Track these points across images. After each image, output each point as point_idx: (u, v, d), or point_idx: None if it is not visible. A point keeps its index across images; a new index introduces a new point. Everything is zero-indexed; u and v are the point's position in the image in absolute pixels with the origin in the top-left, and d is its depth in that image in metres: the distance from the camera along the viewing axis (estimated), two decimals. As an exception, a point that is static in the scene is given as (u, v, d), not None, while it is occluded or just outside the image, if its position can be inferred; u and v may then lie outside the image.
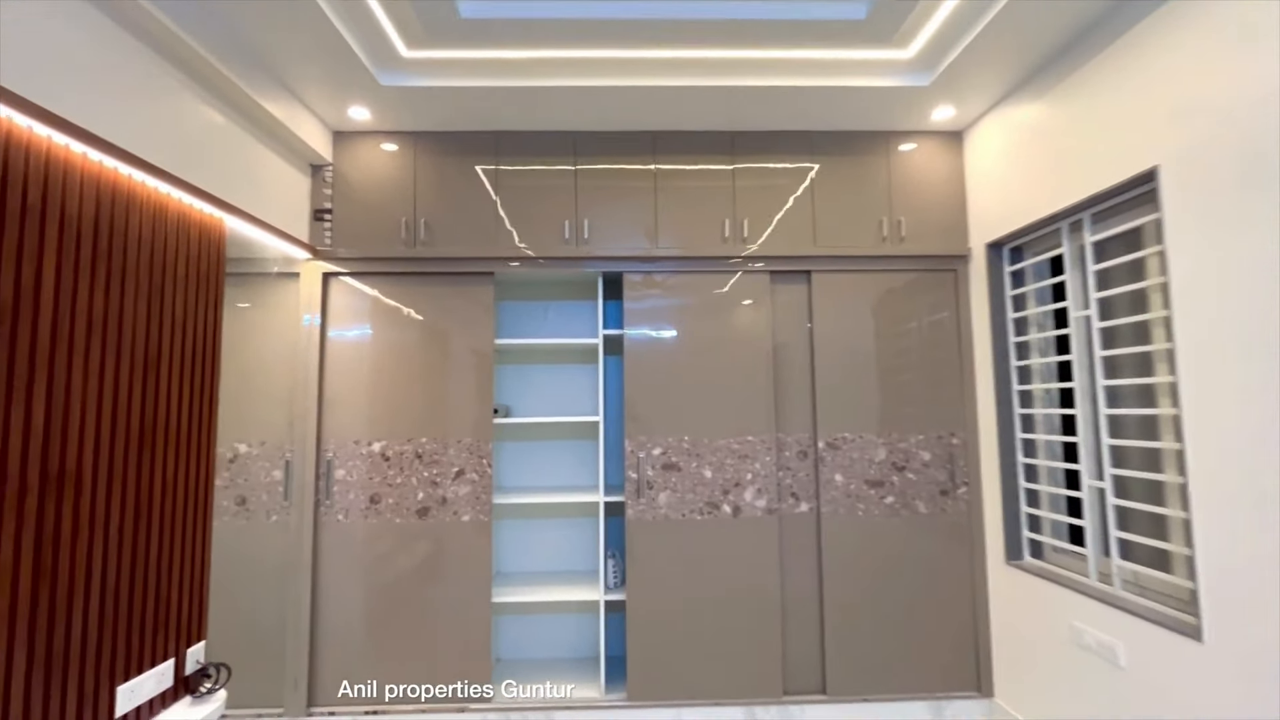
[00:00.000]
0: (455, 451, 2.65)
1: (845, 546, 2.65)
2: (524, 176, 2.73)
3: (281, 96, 2.31)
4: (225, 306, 2.61)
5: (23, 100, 1.37)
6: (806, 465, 2.70)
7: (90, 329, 1.56)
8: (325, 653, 2.56)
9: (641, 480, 2.64)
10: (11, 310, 1.36)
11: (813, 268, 2.75)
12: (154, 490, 1.77)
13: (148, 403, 1.75)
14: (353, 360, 2.67)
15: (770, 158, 2.77)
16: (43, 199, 1.44)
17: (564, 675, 2.78)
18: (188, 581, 1.91)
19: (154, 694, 1.75)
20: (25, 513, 1.40)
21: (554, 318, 3.12)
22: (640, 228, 2.72)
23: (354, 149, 2.72)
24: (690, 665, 2.58)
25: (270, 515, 2.60)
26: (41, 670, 1.43)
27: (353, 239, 2.68)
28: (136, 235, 1.71)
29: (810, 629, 2.64)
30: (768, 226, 2.74)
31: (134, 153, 1.68)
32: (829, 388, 2.70)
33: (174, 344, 1.85)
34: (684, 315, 2.72)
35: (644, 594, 2.60)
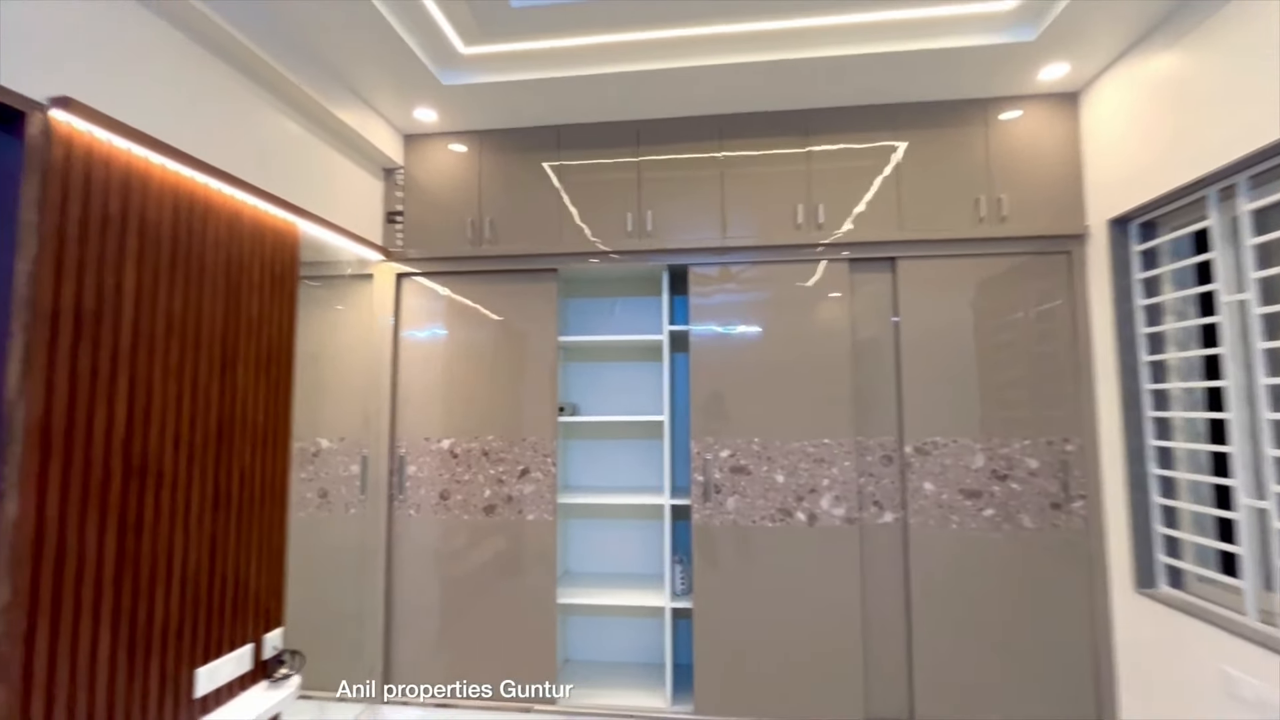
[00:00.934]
0: (520, 450, 2.64)
1: (936, 562, 2.38)
2: (586, 171, 2.67)
3: (352, 103, 2.38)
4: (308, 308, 2.75)
5: (103, 115, 1.46)
6: (891, 471, 2.46)
7: (169, 330, 1.65)
8: (399, 641, 2.63)
9: (708, 483, 2.51)
10: (95, 314, 1.45)
11: (898, 254, 2.50)
12: (232, 482, 1.87)
13: (225, 399, 1.84)
14: (423, 359, 2.73)
15: (848, 137, 2.55)
16: (123, 209, 1.53)
17: (631, 681, 2.71)
18: (266, 570, 2.00)
19: (232, 677, 1.85)
20: (110, 501, 1.49)
21: (621, 314, 3.05)
22: (706, 218, 2.58)
23: (424, 151, 2.78)
24: (762, 680, 2.42)
25: (349, 508, 2.71)
26: (125, 651, 1.53)
27: (422, 240, 2.74)
28: (213, 240, 1.80)
29: (895, 650, 2.40)
30: (846, 211, 2.52)
31: (210, 162, 1.77)
32: (917, 387, 2.44)
33: (250, 344, 1.94)
34: (753, 309, 2.56)
35: (712, 603, 2.47)
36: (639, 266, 2.69)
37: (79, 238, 1.42)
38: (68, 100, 1.39)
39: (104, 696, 1.47)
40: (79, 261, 1.41)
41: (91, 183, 1.45)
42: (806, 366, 2.49)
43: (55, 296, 1.36)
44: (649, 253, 2.61)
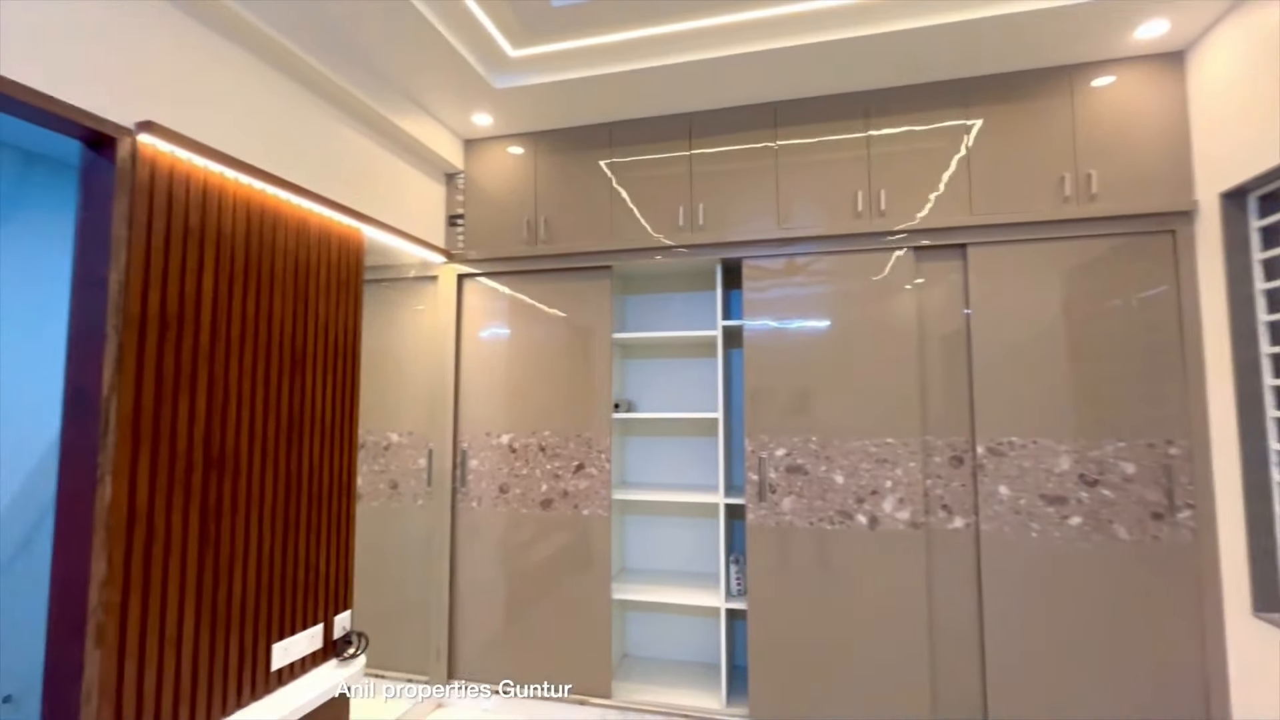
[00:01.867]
0: (575, 446, 2.68)
1: (1013, 572, 2.20)
2: (638, 167, 2.66)
3: (413, 112, 2.49)
4: (378, 309, 2.91)
5: (182, 136, 1.60)
6: (961, 474, 2.29)
7: (243, 331, 1.79)
8: (462, 628, 2.74)
9: (763, 483, 2.44)
10: (177, 318, 1.60)
11: (969, 240, 2.32)
12: (302, 473, 2.00)
13: (295, 396, 1.97)
14: (483, 356, 2.82)
15: (913, 118, 2.39)
16: (201, 221, 1.67)
17: (688, 680, 2.69)
18: (335, 556, 2.14)
19: (305, 653, 1.98)
20: (192, 488, 1.64)
21: (677, 310, 3.02)
22: (760, 210, 2.51)
23: (483, 155, 2.87)
24: (820, 687, 2.32)
25: (417, 499, 2.85)
26: (208, 624, 1.67)
27: (482, 241, 2.82)
28: (282, 248, 1.93)
29: (967, 663, 2.24)
30: (911, 197, 2.37)
31: (279, 175, 1.90)
32: (991, 383, 2.26)
33: (318, 344, 2.07)
34: (810, 303, 2.45)
35: (767, 606, 2.40)
36: (692, 261, 2.65)
37: (163, 249, 1.56)
38: (151, 124, 1.53)
39: (189, 664, 1.62)
40: (163, 270, 1.56)
41: (173, 199, 1.59)
42: (868, 362, 2.37)
43: (143, 302, 1.51)
44: (701, 246, 2.56)
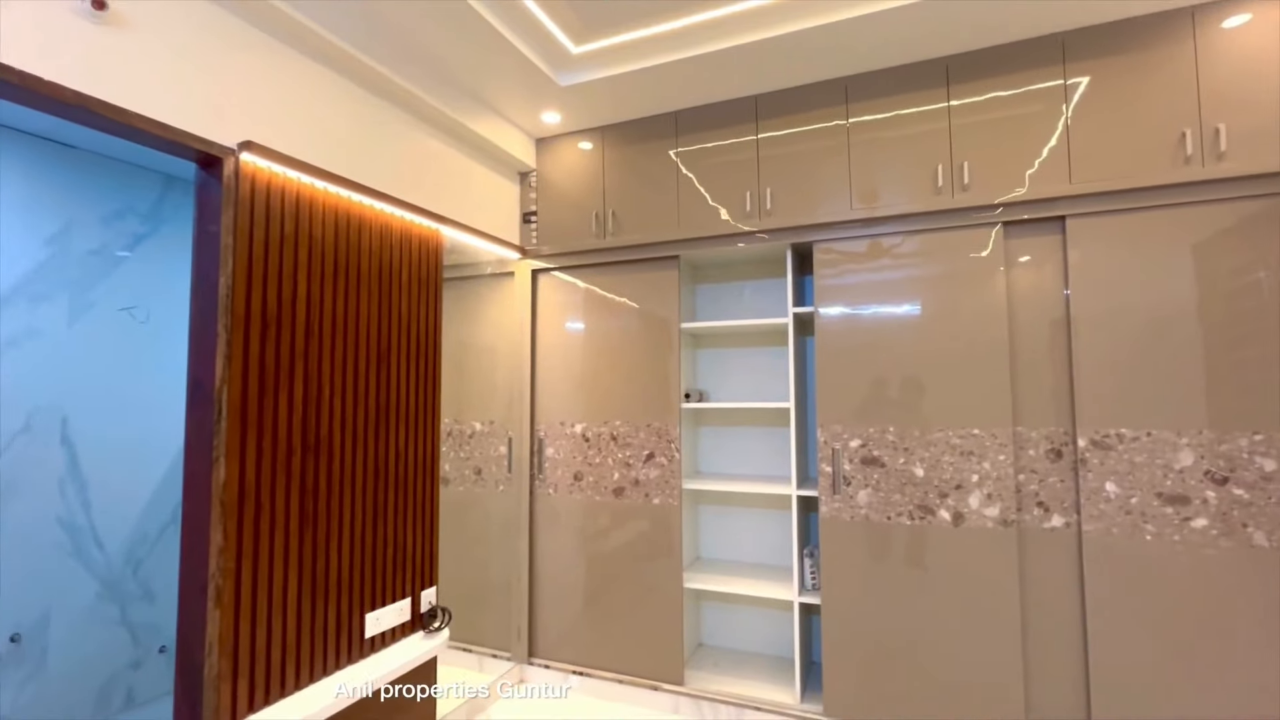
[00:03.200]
0: (645, 435, 2.71)
1: (1123, 577, 1.99)
2: (704, 155, 2.63)
3: (485, 115, 2.60)
4: (461, 304, 3.08)
5: (277, 153, 1.77)
6: (1060, 469, 2.09)
7: (334, 328, 1.96)
8: (541, 609, 2.85)
9: (837, 475, 2.35)
10: (276, 317, 1.77)
11: (1069, 211, 2.11)
12: (389, 458, 2.16)
13: (381, 387, 2.13)
14: (557, 348, 2.91)
15: (1002, 81, 2.20)
16: (295, 228, 1.84)
17: (762, 672, 2.66)
18: (421, 535, 2.29)
19: (394, 624, 2.15)
20: (293, 470, 1.82)
21: (748, 298, 2.96)
22: (831, 191, 2.40)
23: (553, 152, 2.95)
24: (899, 687, 2.22)
25: (498, 485, 2.99)
26: (309, 592, 1.86)
27: (554, 236, 2.91)
28: (367, 250, 2.09)
29: (1067, 673, 2.05)
30: (999, 167, 2.18)
31: (363, 182, 2.06)
32: (1095, 368, 2.05)
33: (402, 339, 2.23)
34: (886, 287, 2.33)
35: (842, 601, 2.32)
36: (761, 248, 2.59)
37: (262, 255, 1.74)
38: (250, 144, 1.70)
39: (294, 626, 1.80)
40: (263, 274, 1.74)
41: (270, 209, 1.76)
42: (951, 348, 2.22)
43: (246, 303, 1.69)
44: (769, 232, 2.50)
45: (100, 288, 2.49)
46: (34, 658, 2.26)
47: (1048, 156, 2.13)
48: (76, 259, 2.42)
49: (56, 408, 2.34)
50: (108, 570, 2.49)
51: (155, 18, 1.53)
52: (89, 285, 2.46)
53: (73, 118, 1.43)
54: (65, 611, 2.35)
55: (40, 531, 2.29)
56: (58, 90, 1.34)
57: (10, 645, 2.19)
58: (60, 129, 2.27)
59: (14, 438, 2.22)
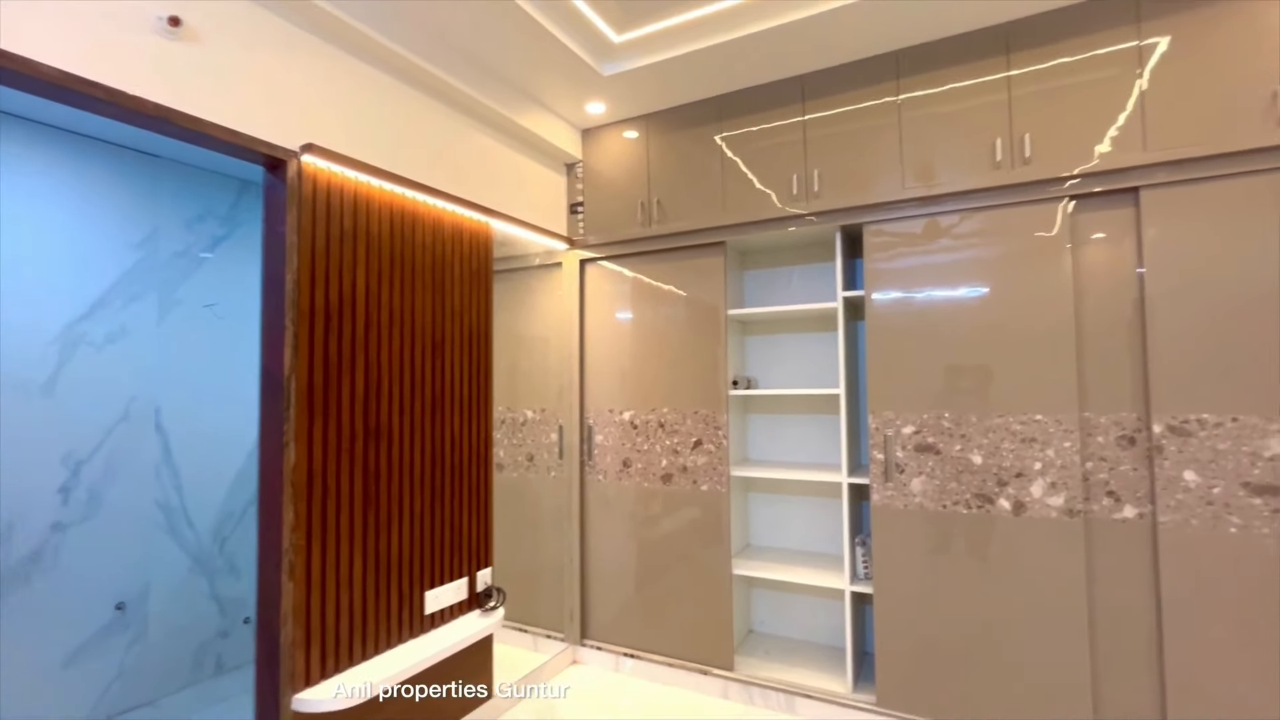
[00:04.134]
0: (693, 422, 2.71)
1: (1204, 573, 1.86)
2: (749, 139, 2.59)
3: (532, 109, 2.65)
4: (512, 295, 3.16)
5: (336, 154, 1.86)
6: (1132, 456, 1.98)
7: (391, 320, 2.05)
8: (593, 593, 2.92)
9: (889, 462, 2.29)
10: (338, 310, 1.88)
11: (1143, 182, 1.97)
12: (445, 444, 2.26)
13: (437, 376, 2.23)
14: (605, 336, 2.95)
15: (1067, 47, 2.07)
16: (354, 225, 1.94)
17: (814, 661, 2.64)
18: (476, 518, 2.39)
19: (452, 602, 2.25)
20: (356, 455, 1.93)
21: (798, 283, 2.91)
22: (880, 171, 2.33)
23: (599, 142, 2.97)
24: (956, 681, 2.16)
25: (550, 471, 3.07)
26: (373, 570, 1.97)
27: (600, 226, 2.94)
28: (420, 244, 2.17)
29: (1140, 674, 1.94)
30: (1064, 138, 2.06)
31: (416, 179, 2.14)
32: (1173, 350, 1.91)
33: (454, 329, 2.31)
34: (937, 267, 2.24)
35: (895, 591, 2.27)
36: (809, 232, 2.54)
37: (324, 251, 1.84)
38: (311, 146, 1.80)
39: (359, 601, 1.92)
40: (325, 270, 1.84)
41: (330, 207, 1.86)
42: (1011, 331, 2.12)
43: (310, 297, 1.79)
44: (817, 214, 2.45)
45: (185, 287, 2.69)
46: (137, 625, 2.49)
47: (1120, 125, 1.99)
48: (163, 261, 2.62)
49: (150, 398, 2.55)
50: (197, 547, 2.70)
51: (222, 30, 1.64)
52: (175, 285, 2.66)
53: (155, 128, 1.56)
54: (162, 584, 2.57)
55: (140, 511, 2.51)
56: (141, 104, 1.46)
57: (117, 613, 2.42)
58: (144, 140, 2.45)
59: (115, 426, 2.44)
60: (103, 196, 2.45)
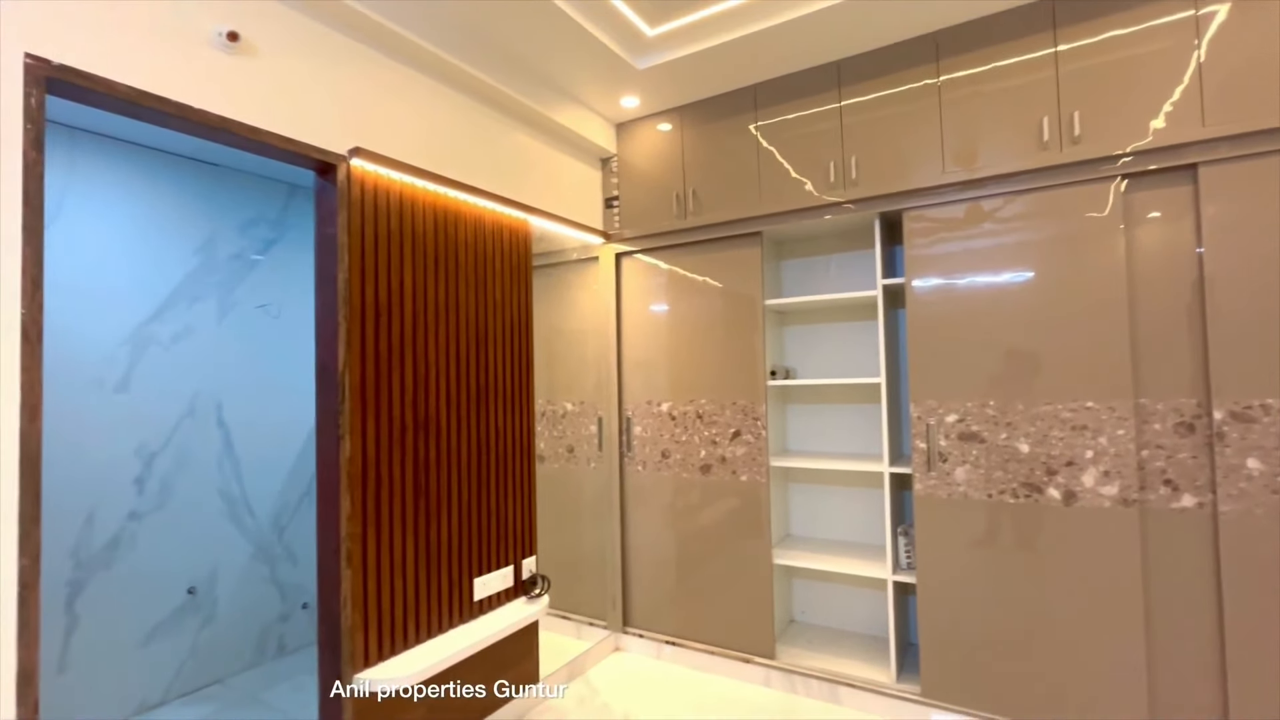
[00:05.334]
0: (731, 413, 2.72)
1: (1268, 566, 1.79)
2: (784, 127, 2.57)
3: (567, 105, 2.68)
4: (551, 290, 3.21)
5: (382, 156, 1.93)
6: (1191, 444, 1.91)
7: (437, 316, 2.12)
8: (635, 581, 2.97)
9: (932, 451, 2.26)
10: (387, 306, 1.95)
11: (1201, 158, 1.89)
12: (490, 436, 2.32)
13: (480, 369, 2.29)
14: (642, 329, 2.98)
15: (1119, 20, 1.99)
16: (400, 225, 2.00)
17: (857, 651, 2.63)
18: (520, 508, 2.45)
19: (499, 589, 2.32)
20: (406, 446, 2.00)
21: (836, 271, 2.88)
22: (919, 155, 2.29)
23: (634, 136, 2.99)
24: (1001, 675, 2.13)
25: (590, 462, 3.12)
26: (424, 557, 2.05)
27: (636, 219, 2.96)
28: (463, 241, 2.24)
29: (1200, 669, 1.88)
30: (1116, 114, 1.99)
31: (458, 179, 2.20)
32: (1235, 333, 1.84)
33: (497, 323, 2.37)
34: (980, 251, 2.19)
35: (939, 581, 2.25)
36: (846, 219, 2.52)
37: (373, 250, 1.91)
38: (359, 150, 1.87)
39: (413, 587, 2.00)
40: (374, 268, 1.91)
41: (378, 208, 1.93)
42: (1059, 316, 2.06)
43: (361, 294, 1.87)
44: (855, 202, 2.42)
45: (241, 288, 2.83)
46: (207, 608, 2.64)
47: (1176, 100, 1.91)
48: (221, 263, 2.76)
49: (213, 394, 2.70)
50: (258, 534, 2.85)
51: (276, 42, 1.71)
52: (232, 286, 2.79)
53: (216, 138, 1.64)
54: (228, 569, 2.72)
55: (205, 500, 2.66)
56: (205, 116, 1.55)
57: (189, 596, 2.57)
58: (202, 149, 2.58)
59: (181, 420, 2.59)
60: (166, 205, 2.59)
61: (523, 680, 2.43)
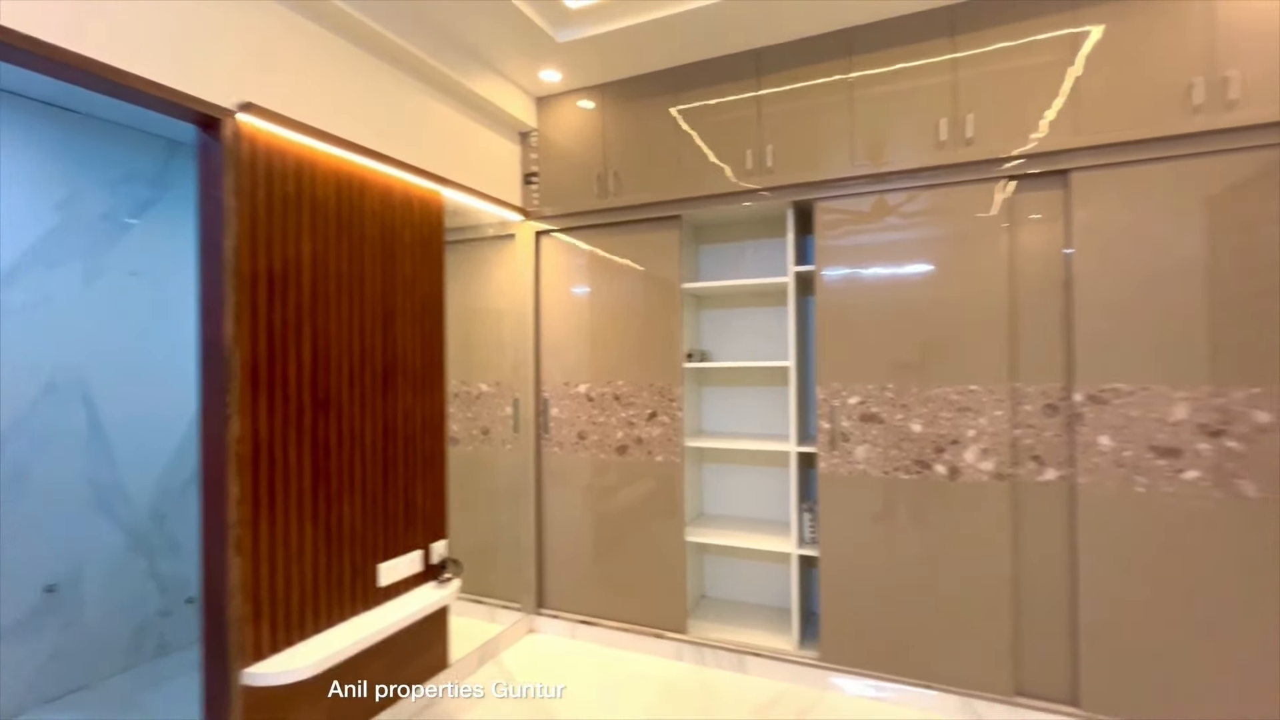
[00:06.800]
0: (648, 395, 2.75)
1: (1114, 530, 2.03)
2: (705, 113, 2.60)
3: (485, 75, 2.58)
4: (466, 267, 3.10)
5: (277, 114, 1.78)
6: (1055, 423, 2.12)
7: (340, 289, 2.00)
8: (550, 563, 2.96)
9: (835, 431, 2.39)
10: (282, 277, 1.81)
11: (1073, 165, 2.08)
12: (398, 416, 2.23)
13: (388, 347, 2.18)
14: (561, 309, 2.94)
15: (1009, 31, 2.14)
16: (297, 190, 1.86)
17: (763, 622, 2.75)
18: (430, 491, 2.38)
19: (406, 574, 2.25)
20: (305, 426, 1.88)
21: (751, 258, 2.96)
22: (831, 148, 2.38)
23: (554, 111, 2.92)
24: (893, 637, 2.30)
25: (505, 444, 3.07)
26: (324, 543, 1.94)
27: (556, 197, 2.91)
28: (369, 211, 2.11)
29: (1056, 626, 2.12)
30: (1004, 120, 2.15)
31: (364, 144, 2.07)
32: (1095, 324, 2.05)
33: (406, 299, 2.26)
34: (886, 245, 2.32)
35: (838, 553, 2.39)
36: (763, 207, 2.59)
37: (266, 216, 1.77)
38: (250, 105, 1.72)
39: (310, 575, 1.90)
40: (267, 236, 1.77)
41: (272, 171, 1.79)
42: (951, 307, 2.22)
43: (252, 264, 1.73)
44: (770, 190, 2.49)
45: (112, 253, 2.54)
46: (72, 606, 2.39)
47: (1054, 109, 2.09)
48: (86, 224, 2.47)
49: (77, 368, 2.42)
50: (134, 525, 2.60)
51: (149, -23, 1.53)
52: (101, 250, 2.51)
53: (76, 81, 1.45)
54: (97, 563, 2.47)
55: (69, 487, 2.39)
56: (61, 54, 1.36)
57: (46, 595, 2.32)
58: (62, 94, 2.28)
59: (39, 397, 2.31)
60: (18, 155, 2.27)
61: (432, 665, 2.38)
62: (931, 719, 2.21)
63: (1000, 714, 2.16)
